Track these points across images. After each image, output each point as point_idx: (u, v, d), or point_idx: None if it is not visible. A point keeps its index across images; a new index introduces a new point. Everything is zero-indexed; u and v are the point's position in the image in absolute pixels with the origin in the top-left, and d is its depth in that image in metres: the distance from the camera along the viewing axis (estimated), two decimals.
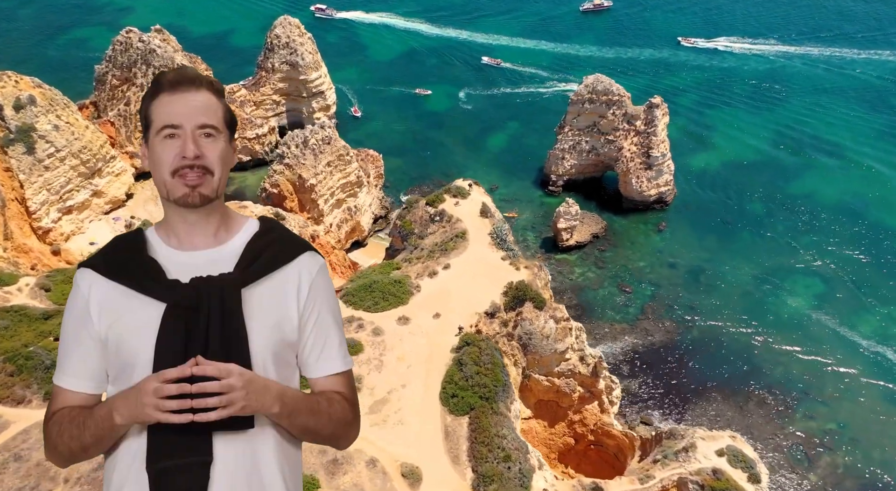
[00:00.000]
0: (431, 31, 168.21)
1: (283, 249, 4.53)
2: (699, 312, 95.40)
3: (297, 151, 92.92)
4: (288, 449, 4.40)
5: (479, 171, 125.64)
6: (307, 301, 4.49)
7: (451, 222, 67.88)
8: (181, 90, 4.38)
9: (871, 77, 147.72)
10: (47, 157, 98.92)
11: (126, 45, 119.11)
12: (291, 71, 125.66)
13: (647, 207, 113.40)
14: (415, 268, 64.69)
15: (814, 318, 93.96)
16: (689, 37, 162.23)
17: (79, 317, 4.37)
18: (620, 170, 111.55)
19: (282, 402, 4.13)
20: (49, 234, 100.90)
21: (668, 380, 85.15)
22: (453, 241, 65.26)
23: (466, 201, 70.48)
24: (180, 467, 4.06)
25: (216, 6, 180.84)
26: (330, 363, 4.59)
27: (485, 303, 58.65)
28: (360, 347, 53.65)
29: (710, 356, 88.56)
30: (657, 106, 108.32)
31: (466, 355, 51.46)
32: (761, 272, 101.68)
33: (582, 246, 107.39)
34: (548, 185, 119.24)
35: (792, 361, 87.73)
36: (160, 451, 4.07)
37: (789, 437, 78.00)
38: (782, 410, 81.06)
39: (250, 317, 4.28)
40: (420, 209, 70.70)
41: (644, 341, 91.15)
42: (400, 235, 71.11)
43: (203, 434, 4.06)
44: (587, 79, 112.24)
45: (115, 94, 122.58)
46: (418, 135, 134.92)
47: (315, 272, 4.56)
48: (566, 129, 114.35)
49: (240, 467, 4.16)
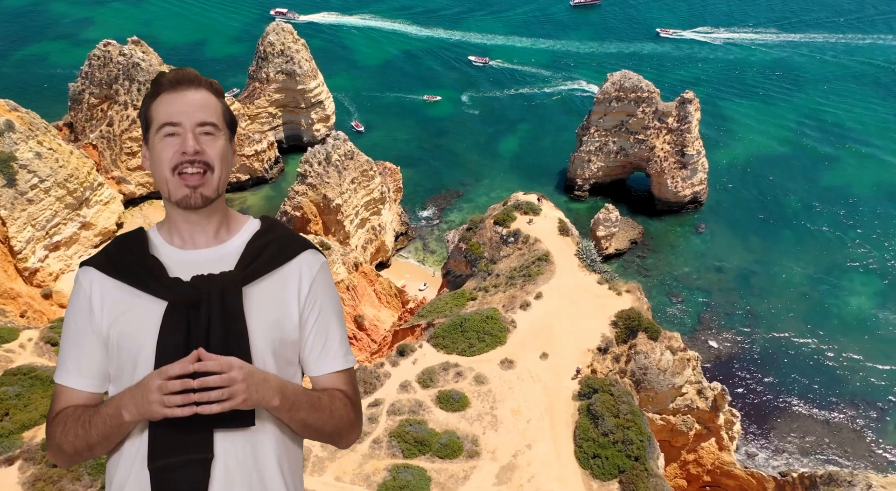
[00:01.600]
0: (420, 32, 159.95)
1: (283, 247, 4.46)
2: (759, 319, 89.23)
3: (319, 169, 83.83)
4: (289, 446, 4.33)
5: (496, 178, 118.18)
6: (308, 299, 4.42)
7: (528, 243, 59.90)
8: (181, 89, 4.33)
9: (879, 62, 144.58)
10: (30, 189, 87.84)
11: (105, 60, 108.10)
12: (288, 81, 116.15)
13: (681, 208, 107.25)
14: (496, 298, 56.57)
15: (880, 318, 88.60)
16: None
17: (81, 315, 4.34)
18: (654, 170, 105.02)
19: (282, 394, 4.05)
20: (36, 275, 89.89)
21: (744, 398, 78.53)
22: (536, 265, 57.31)
23: (539, 218, 62.63)
24: (181, 464, 4.02)
25: (181, 15, 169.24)
26: (331, 361, 4.48)
27: (593, 336, 50.86)
28: (465, 401, 45.34)
29: (782, 368, 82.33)
30: (690, 101, 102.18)
31: (599, 405, 43.55)
32: (814, 271, 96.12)
33: (621, 254, 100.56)
34: (573, 189, 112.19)
35: (868, 368, 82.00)
36: (161, 448, 4.03)
37: (891, 451, 71.99)
38: (875, 424, 75.09)
39: (251, 315, 4.23)
40: (488, 230, 62.51)
41: (708, 355, 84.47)
42: (466, 260, 62.85)
43: (204, 431, 4.02)
44: (613, 76, 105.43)
45: (93, 113, 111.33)
46: (425, 143, 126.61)
47: (316, 270, 4.49)
48: (591, 130, 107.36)
49: (240, 464, 4.11)
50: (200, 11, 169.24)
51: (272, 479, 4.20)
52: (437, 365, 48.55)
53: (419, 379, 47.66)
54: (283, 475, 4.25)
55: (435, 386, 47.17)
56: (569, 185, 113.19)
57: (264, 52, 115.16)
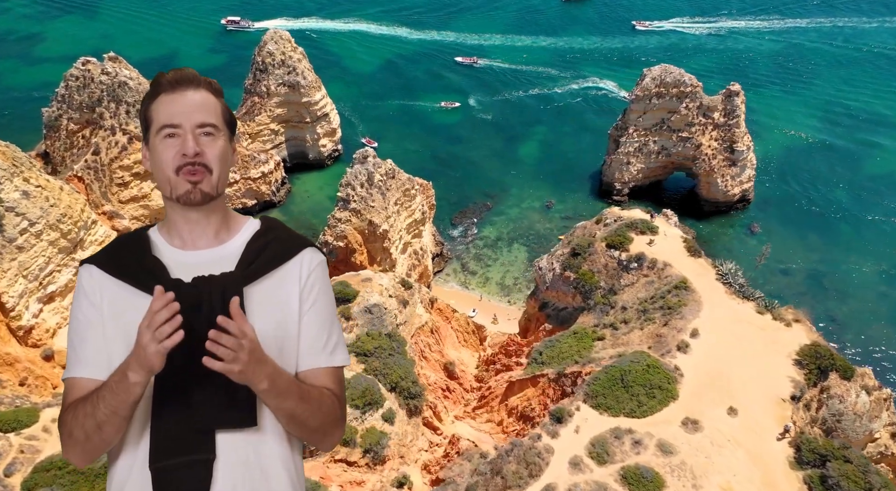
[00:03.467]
0: (412, 35, 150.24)
1: (283, 246, 4.46)
2: (843, 325, 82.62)
3: (363, 192, 73.76)
4: (291, 448, 4.30)
5: (524, 187, 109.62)
6: (302, 294, 4.40)
7: (655, 269, 51.22)
8: (180, 89, 4.31)
9: (869, 47, 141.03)
10: (20, 235, 75.55)
11: (84, 81, 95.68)
12: (291, 93, 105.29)
13: (729, 208, 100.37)
14: (633, 337, 47.79)
15: None
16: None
17: (87, 310, 4.30)
18: (702, 170, 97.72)
19: (271, 379, 3.98)
20: (31, 334, 77.58)
21: None
22: (674, 294, 48.72)
23: (659, 237, 54.01)
24: (183, 465, 4.00)
25: (137, 28, 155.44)
26: (320, 357, 4.42)
27: (779, 381, 42.44)
28: (659, 481, 36.34)
29: (891, 380, 75.54)
30: (737, 94, 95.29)
31: (840, 477, 35.00)
32: (887, 266, 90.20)
33: None
34: (611, 194, 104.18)
35: None
36: (163, 449, 4.01)
37: None
38: None
39: (252, 315, 4.19)
40: (600, 255, 53.59)
41: None
42: (576, 291, 53.79)
43: (206, 432, 4.04)
44: (652, 71, 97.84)
45: (74, 141, 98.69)
46: (438, 153, 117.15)
47: (314, 267, 4.47)
48: (630, 129, 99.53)
49: (243, 465, 4.09)
50: (152, 26, 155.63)
51: (277, 479, 4.13)
52: (606, 433, 39.48)
53: (591, 453, 38.52)
54: (288, 475, 4.18)
55: (613, 462, 38.08)
56: (605, 189, 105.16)
57: (263, 64, 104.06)
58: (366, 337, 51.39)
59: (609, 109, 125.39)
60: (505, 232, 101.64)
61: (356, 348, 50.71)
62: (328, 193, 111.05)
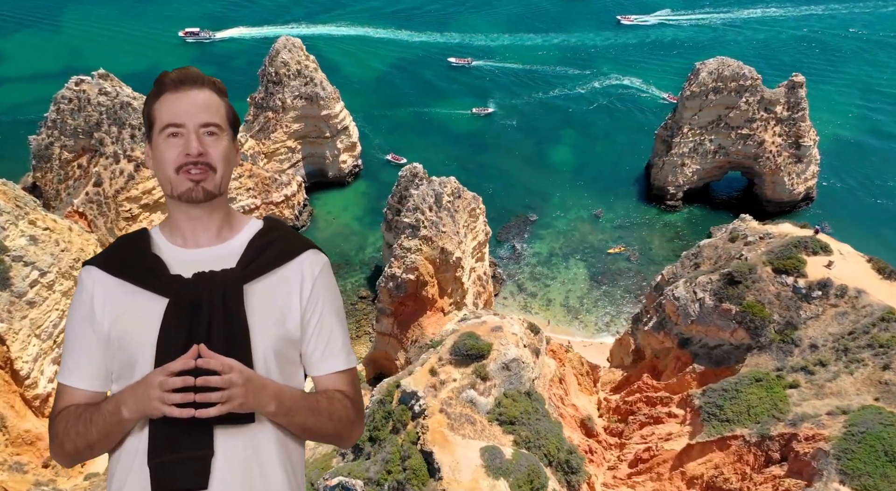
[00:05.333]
0: (415, 38, 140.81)
1: (285, 246, 4.43)
2: None
3: (432, 216, 64.39)
4: (290, 443, 4.26)
5: (566, 196, 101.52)
6: (310, 299, 4.35)
7: (845, 296, 43.27)
8: (184, 89, 4.30)
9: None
10: (30, 289, 64.15)
11: (80, 103, 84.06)
12: (308, 106, 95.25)
13: (792, 208, 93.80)
14: (844, 384, 39.81)
15: None
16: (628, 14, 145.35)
17: (84, 315, 4.30)
18: (766, 168, 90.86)
19: (278, 401, 4.00)
20: (47, 402, 66.06)
21: None
22: (882, 328, 40.83)
23: (835, 257, 46.04)
24: (181, 461, 3.98)
25: (107, 41, 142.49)
26: (333, 361, 4.41)
27: None
28: None
29: None
30: (801, 85, 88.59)
31: None
32: None
33: None
34: (663, 198, 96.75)
35: None
36: (161, 445, 3.99)
37: None
38: None
39: (252, 313, 4.17)
40: (768, 282, 45.41)
41: None
42: (739, 325, 45.48)
43: (204, 428, 3.98)
44: (708, 64, 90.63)
45: (69, 171, 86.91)
46: (465, 163, 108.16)
47: (318, 270, 4.43)
48: (684, 129, 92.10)
49: (241, 461, 4.07)
50: (128, 38, 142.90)
51: (275, 475, 4.11)
52: None
53: None
54: (286, 472, 4.16)
55: None
56: (656, 194, 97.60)
57: (277, 75, 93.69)
58: (506, 400, 42.30)
59: (639, 108, 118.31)
60: (557, 247, 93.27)
61: (499, 415, 41.64)
62: (353, 214, 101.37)
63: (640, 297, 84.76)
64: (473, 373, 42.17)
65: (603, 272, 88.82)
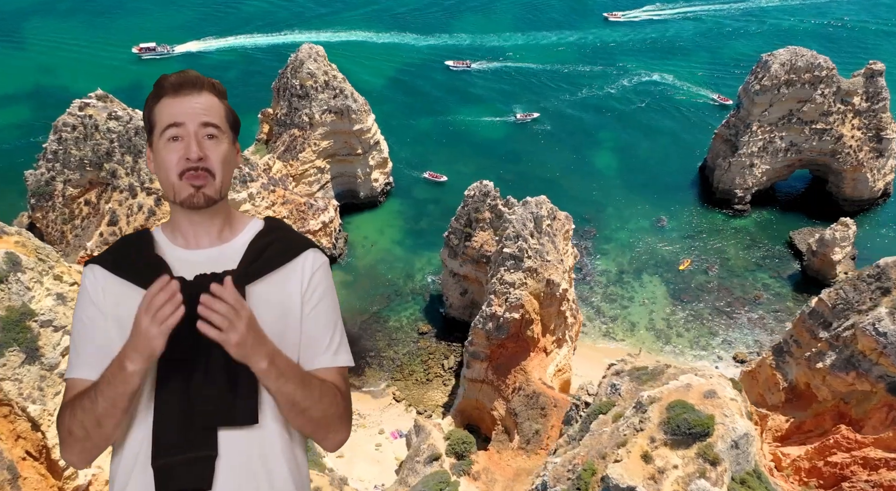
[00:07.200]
0: (420, 41, 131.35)
1: (286, 246, 4.40)
2: None
3: (535, 244, 55.31)
4: (293, 446, 4.22)
5: (620, 205, 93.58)
6: (305, 295, 4.34)
7: None
8: (184, 92, 4.28)
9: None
10: (62, 357, 53.08)
11: (86, 130, 72.71)
12: (338, 121, 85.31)
13: (870, 205, 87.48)
14: None
15: None
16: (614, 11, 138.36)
17: (89, 312, 4.27)
18: (847, 165, 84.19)
19: (271, 359, 3.92)
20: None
21: None
22: None
23: None
24: (185, 462, 3.93)
25: (84, 58, 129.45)
26: (326, 357, 4.36)
27: None
28: None
29: None
30: (880, 73, 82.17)
31: None
32: None
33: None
34: (730, 203, 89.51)
35: None
36: (165, 446, 3.95)
37: None
38: None
39: (254, 312, 4.02)
40: None
41: None
42: None
43: (208, 429, 3.97)
44: (779, 55, 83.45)
45: (75, 210, 75.34)
46: (503, 173, 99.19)
47: (316, 268, 4.42)
48: (753, 126, 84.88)
49: (245, 462, 4.02)
50: (76, 57, 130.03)
51: (280, 476, 4.05)
52: None
53: None
54: (290, 473, 4.11)
55: None
56: (721, 197, 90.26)
57: (302, 88, 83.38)
58: (741, 488, 33.61)
59: (675, 106, 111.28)
60: (625, 262, 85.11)
61: None
62: (392, 238, 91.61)
63: (733, 316, 77.16)
64: (698, 456, 33.38)
65: (683, 289, 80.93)
